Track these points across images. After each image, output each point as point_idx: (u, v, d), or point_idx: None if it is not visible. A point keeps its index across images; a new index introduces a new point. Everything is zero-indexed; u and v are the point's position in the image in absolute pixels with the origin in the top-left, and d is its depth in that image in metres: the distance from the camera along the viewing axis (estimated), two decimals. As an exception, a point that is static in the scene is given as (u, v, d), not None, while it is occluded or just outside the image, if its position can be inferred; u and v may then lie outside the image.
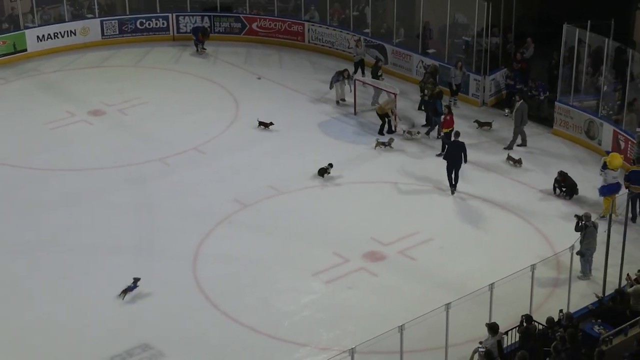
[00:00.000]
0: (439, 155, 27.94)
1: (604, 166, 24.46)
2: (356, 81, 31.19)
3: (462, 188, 26.29)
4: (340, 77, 31.29)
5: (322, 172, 26.90)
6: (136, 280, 21.68)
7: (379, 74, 31.71)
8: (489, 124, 29.80)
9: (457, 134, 26.79)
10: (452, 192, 26.14)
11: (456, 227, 24.68)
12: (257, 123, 29.67)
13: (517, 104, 28.45)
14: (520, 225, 24.67)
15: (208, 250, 23.51)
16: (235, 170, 27.44)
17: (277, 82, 33.44)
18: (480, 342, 18.48)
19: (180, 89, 33.06)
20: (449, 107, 28.58)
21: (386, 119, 29.37)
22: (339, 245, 23.56)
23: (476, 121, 29.89)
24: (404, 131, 29.32)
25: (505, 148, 28.55)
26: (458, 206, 25.70)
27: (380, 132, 29.31)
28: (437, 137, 28.82)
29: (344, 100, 31.42)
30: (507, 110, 30.31)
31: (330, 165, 27.00)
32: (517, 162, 27.27)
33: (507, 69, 31.66)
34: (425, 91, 30.06)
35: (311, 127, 30.07)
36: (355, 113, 30.90)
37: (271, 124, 29.56)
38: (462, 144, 26.36)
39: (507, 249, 23.44)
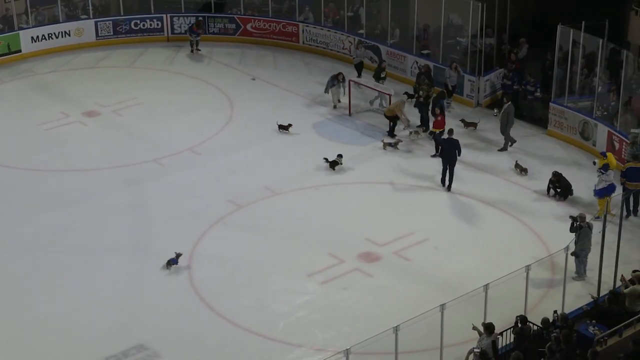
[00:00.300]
0: (433, 156, 28.00)
1: (606, 167, 24.42)
2: (350, 82, 31.15)
3: (456, 188, 26.31)
4: (335, 81, 31.22)
5: (334, 164, 27.08)
6: (178, 254, 22.48)
7: (382, 76, 31.66)
8: (474, 124, 29.81)
9: (451, 131, 26.95)
10: (443, 185, 26.31)
11: (451, 227, 24.68)
12: (276, 126, 29.59)
13: (505, 106, 28.49)
14: (515, 225, 24.68)
15: (203, 251, 23.46)
16: (231, 170, 27.41)
17: (271, 83, 33.40)
18: (474, 326, 18.58)
19: (174, 89, 33.01)
20: (440, 107, 28.63)
21: (396, 121, 29.25)
22: (334, 246, 23.55)
23: (462, 120, 29.89)
24: (411, 132, 29.30)
25: (499, 150, 28.58)
26: (453, 206, 25.70)
27: (391, 134, 29.23)
28: (431, 138, 28.80)
29: (339, 101, 31.35)
30: (495, 111, 30.29)
31: (340, 156, 27.25)
32: (524, 171, 27.04)
33: (504, 70, 31.58)
34: (420, 92, 30.02)
35: (306, 128, 30.03)
36: (349, 114, 30.89)
37: (290, 125, 29.54)
38: (456, 141, 26.48)
39: (502, 249, 23.44)
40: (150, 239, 24.17)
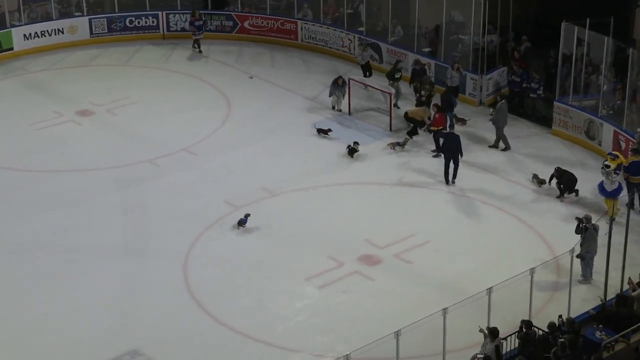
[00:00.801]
0: (435, 155, 27.70)
1: (619, 167, 24.14)
2: (351, 81, 30.76)
3: (458, 188, 26.08)
4: (335, 86, 30.79)
5: (352, 152, 27.26)
6: (247, 215, 23.92)
7: (397, 76, 31.16)
8: (463, 120, 29.41)
9: (452, 126, 27.06)
10: (447, 183, 26.12)
11: (452, 229, 24.38)
12: (315, 131, 29.15)
13: (498, 104, 28.23)
14: (519, 227, 24.39)
15: (200, 253, 23.28)
16: (229, 170, 27.16)
17: (269, 82, 33.13)
18: (480, 328, 18.39)
19: (170, 88, 32.74)
20: (437, 105, 28.30)
21: (417, 124, 28.76)
22: (334, 247, 23.28)
23: (454, 115, 29.53)
24: (424, 130, 28.94)
25: (502, 150, 28.26)
26: (454, 207, 25.45)
27: (412, 134, 28.72)
28: (430, 133, 28.36)
29: (340, 111, 30.84)
30: (491, 110, 29.89)
31: (357, 143, 27.46)
32: (541, 183, 26.25)
33: (514, 67, 31.09)
34: (423, 92, 29.66)
35: (305, 127, 29.67)
36: (349, 113, 30.57)
37: (330, 130, 29.11)
38: (457, 136, 26.38)
39: (506, 252, 23.15)
40: (150, 239, 24.05)
